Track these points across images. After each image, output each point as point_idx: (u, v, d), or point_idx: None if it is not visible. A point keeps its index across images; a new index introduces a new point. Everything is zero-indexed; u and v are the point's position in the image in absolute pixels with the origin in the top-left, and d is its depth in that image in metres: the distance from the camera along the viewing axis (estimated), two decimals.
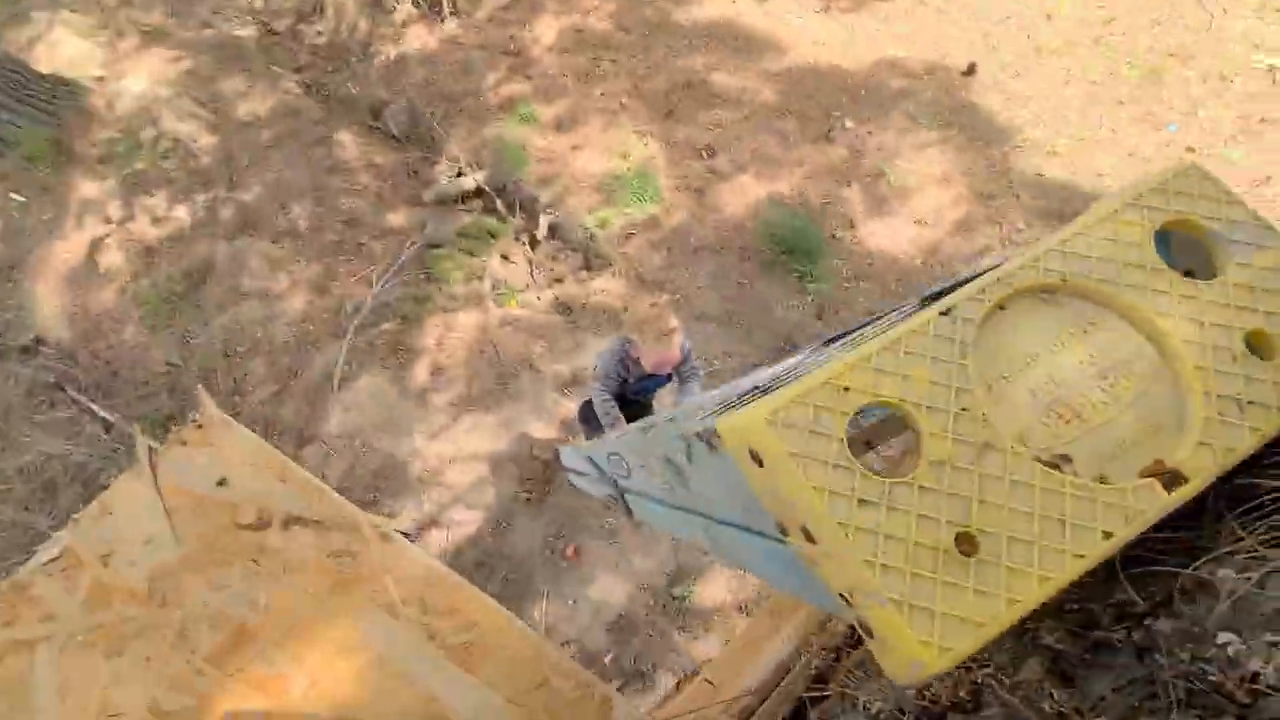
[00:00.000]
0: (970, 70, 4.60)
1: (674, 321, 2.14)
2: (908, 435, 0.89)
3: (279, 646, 0.89)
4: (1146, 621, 0.51)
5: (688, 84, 4.76)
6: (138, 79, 5.04)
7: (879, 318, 1.25)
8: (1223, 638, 0.46)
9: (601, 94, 4.80)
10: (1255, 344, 0.55)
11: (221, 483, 0.85)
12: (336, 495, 0.87)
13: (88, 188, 4.56)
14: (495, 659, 0.98)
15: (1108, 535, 0.49)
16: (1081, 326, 0.58)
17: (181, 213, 4.38)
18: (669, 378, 2.49)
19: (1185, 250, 0.61)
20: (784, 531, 0.56)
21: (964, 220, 3.99)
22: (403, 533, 3.41)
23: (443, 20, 5.35)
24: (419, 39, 5.36)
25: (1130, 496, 0.51)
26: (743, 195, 4.20)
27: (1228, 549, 0.50)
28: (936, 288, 1.05)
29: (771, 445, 0.53)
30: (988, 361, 0.57)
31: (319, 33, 5.69)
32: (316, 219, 4.39)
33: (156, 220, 4.37)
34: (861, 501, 0.51)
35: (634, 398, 2.60)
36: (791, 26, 5.05)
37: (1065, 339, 0.57)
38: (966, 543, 0.50)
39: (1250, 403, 0.53)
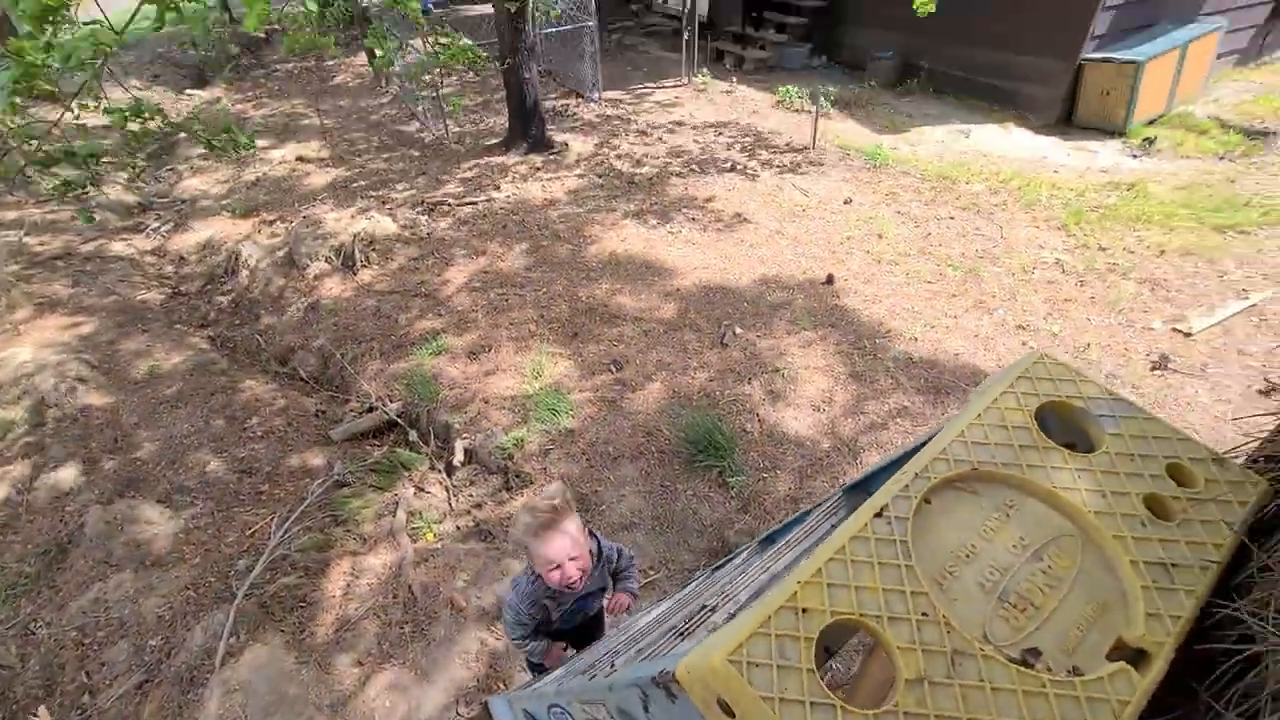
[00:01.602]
0: (829, 280, 5.37)
1: (554, 503, 1.68)
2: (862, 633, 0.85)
3: None
4: None
5: (590, 309, 5.19)
6: (22, 348, 4.85)
7: (806, 514, 1.27)
8: None
9: (510, 323, 5.11)
10: (1154, 507, 0.60)
11: None
12: None
13: None
14: None
15: None
16: (1003, 510, 0.61)
17: (50, 481, 3.95)
18: (601, 590, 2.08)
19: (1061, 427, 0.68)
20: None
21: (854, 403, 4.32)
22: None
23: (355, 273, 5.71)
24: (332, 290, 5.64)
25: (1109, 686, 0.49)
26: (653, 402, 4.39)
27: None
28: (857, 479, 1.10)
29: (738, 690, 0.48)
30: (930, 558, 0.57)
31: (229, 291, 5.87)
32: (211, 471, 4.09)
33: (17, 492, 3.89)
34: None
35: (569, 627, 2.18)
36: (675, 256, 5.80)
37: (993, 524, 0.60)
38: None
39: (1174, 565, 0.55)
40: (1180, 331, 4.70)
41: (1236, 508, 0.59)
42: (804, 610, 0.51)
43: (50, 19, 1.85)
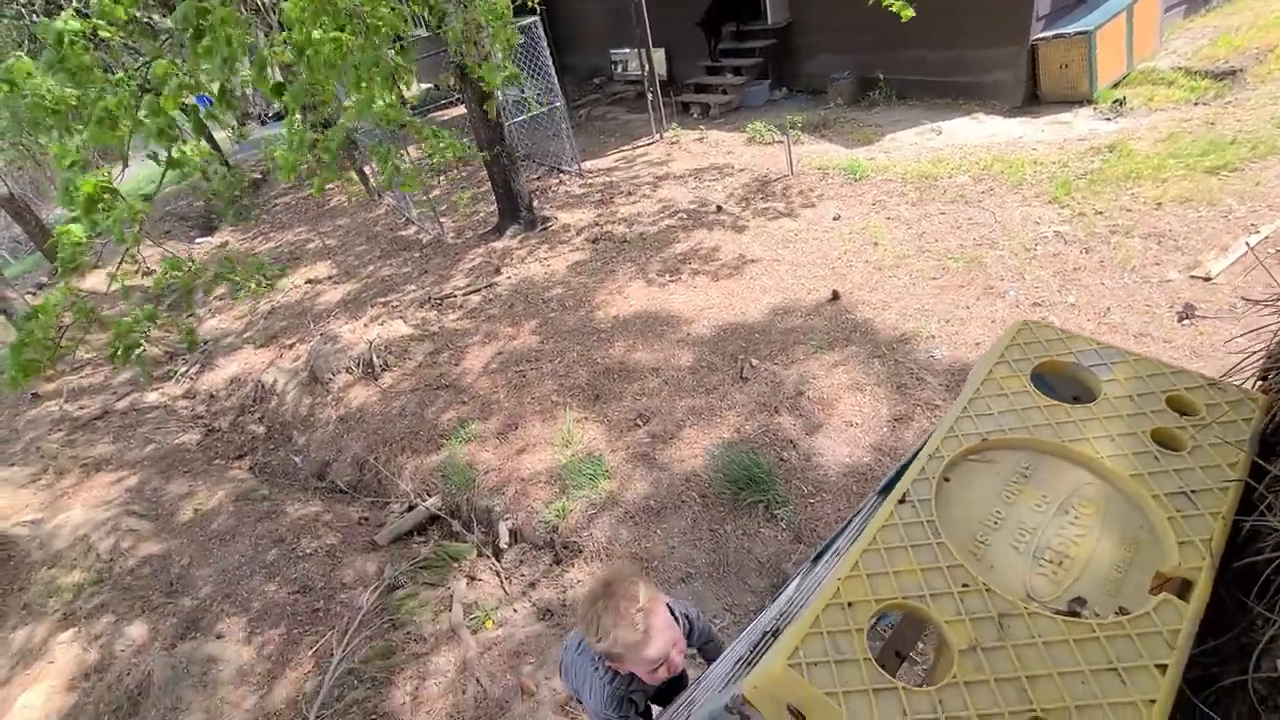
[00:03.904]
0: (835, 297, 5.41)
1: (640, 597, 1.52)
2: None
3: None
4: None
5: (607, 369, 5.26)
6: (74, 511, 5.02)
7: (847, 524, 1.27)
8: None
9: (533, 398, 5.19)
10: (1163, 441, 0.61)
11: None
12: None
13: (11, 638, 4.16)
14: None
15: (1162, 668, 0.47)
16: (1020, 474, 0.62)
17: (116, 637, 4.00)
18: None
19: (1064, 385, 0.70)
20: None
21: (885, 411, 4.28)
22: None
23: (377, 378, 5.87)
24: (358, 398, 5.79)
25: (1157, 619, 0.50)
26: (686, 449, 4.38)
27: (1271, 634, 0.48)
28: (887, 478, 1.11)
29: (802, 690, 0.49)
30: (959, 532, 0.59)
31: (260, 419, 6.05)
32: (267, 597, 4.12)
33: (86, 654, 3.95)
34: None
35: (661, 695, 1.97)
36: (681, 303, 5.90)
37: (1012, 489, 0.61)
38: None
39: (1195, 491, 0.56)
40: (1200, 278, 4.62)
41: (1242, 426, 0.60)
42: (850, 604, 0.53)
43: (100, 204, 2.05)
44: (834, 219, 6.65)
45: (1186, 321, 4.34)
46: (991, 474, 0.63)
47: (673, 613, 1.78)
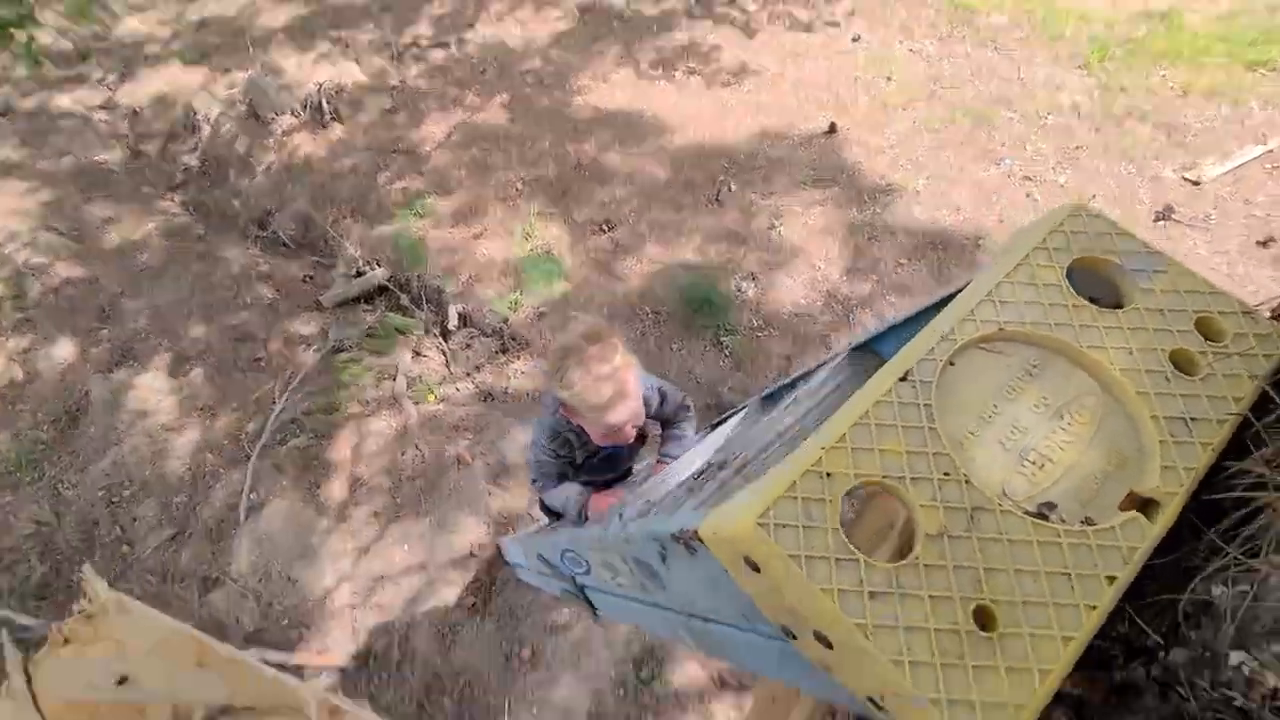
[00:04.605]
0: (831, 130, 5.05)
1: (615, 361, 1.40)
2: (874, 504, 0.89)
3: None
4: (1160, 655, 0.51)
5: (578, 165, 4.92)
6: None
7: (809, 373, 1.28)
8: (1235, 658, 0.47)
9: (496, 183, 4.86)
10: (1179, 362, 0.59)
11: (122, 681, 0.69)
12: (270, 670, 0.73)
13: None
14: None
15: (1111, 579, 0.50)
16: (1027, 370, 0.60)
17: (47, 354, 3.94)
18: (641, 439, 1.80)
19: (1087, 282, 0.66)
20: (790, 634, 0.53)
21: (851, 263, 4.27)
22: (340, 668, 3.04)
23: (325, 127, 5.31)
24: (303, 147, 5.27)
25: (1119, 534, 0.52)
26: (647, 263, 4.31)
27: (1217, 565, 0.51)
28: (866, 336, 1.09)
29: (767, 549, 0.50)
30: (952, 419, 0.57)
31: (192, 150, 5.48)
32: (205, 339, 4.08)
33: (15, 365, 3.90)
34: (873, 594, 0.49)
35: (602, 465, 1.89)
36: (669, 106, 5.39)
37: (1016, 385, 0.60)
38: (985, 617, 0.49)
39: (1194, 419, 0.56)
40: (1189, 180, 4.55)
41: (1262, 360, 0.59)
42: (828, 474, 0.53)
43: None
44: (853, 40, 5.98)
45: (1160, 222, 4.36)
46: (999, 366, 0.61)
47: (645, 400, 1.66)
